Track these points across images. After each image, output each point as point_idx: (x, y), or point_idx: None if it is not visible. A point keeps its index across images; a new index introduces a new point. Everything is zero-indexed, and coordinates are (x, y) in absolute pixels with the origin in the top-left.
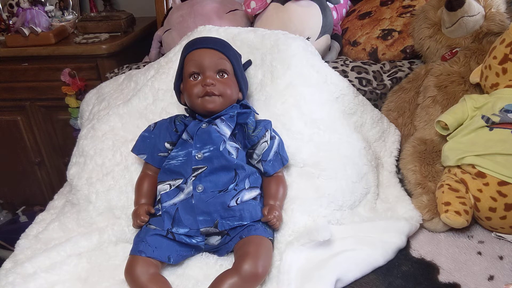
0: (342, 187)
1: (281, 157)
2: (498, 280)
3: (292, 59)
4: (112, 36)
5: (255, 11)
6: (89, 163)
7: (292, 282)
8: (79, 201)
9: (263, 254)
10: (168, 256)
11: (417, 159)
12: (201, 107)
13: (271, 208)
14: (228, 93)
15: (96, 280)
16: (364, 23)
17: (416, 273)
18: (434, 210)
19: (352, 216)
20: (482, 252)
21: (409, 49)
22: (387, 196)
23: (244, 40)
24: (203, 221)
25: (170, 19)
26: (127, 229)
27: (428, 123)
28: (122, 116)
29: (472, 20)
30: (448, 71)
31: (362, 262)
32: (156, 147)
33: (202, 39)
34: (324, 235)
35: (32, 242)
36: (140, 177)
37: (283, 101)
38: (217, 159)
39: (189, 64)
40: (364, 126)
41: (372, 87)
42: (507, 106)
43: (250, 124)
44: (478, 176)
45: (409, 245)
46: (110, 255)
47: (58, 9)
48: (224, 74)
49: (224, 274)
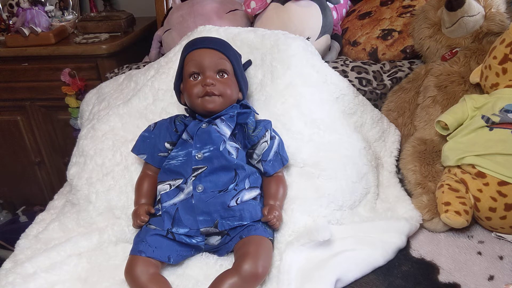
0: (342, 187)
1: (281, 157)
2: (498, 280)
3: (292, 59)
4: (112, 36)
5: (255, 11)
6: (89, 163)
7: (292, 282)
8: (79, 201)
9: (263, 254)
10: (168, 256)
11: (417, 159)
12: (201, 107)
13: (271, 208)
14: (228, 93)
15: (96, 280)
16: (364, 23)
17: (416, 273)
18: (434, 210)
19: (352, 216)
20: (482, 252)
21: (409, 49)
22: (387, 196)
23: (244, 40)
24: (203, 221)
25: (170, 19)
26: (127, 229)
27: (428, 123)
28: (122, 116)
29: (472, 20)
30: (448, 71)
31: (362, 262)
32: (156, 147)
33: (202, 39)
34: (324, 235)
35: (32, 242)
36: (140, 177)
37: (283, 101)
38: (217, 159)
39: (189, 64)
40: (364, 126)
41: (372, 87)
42: (507, 106)
43: (250, 124)
44: (478, 176)
45: (409, 245)
46: (110, 255)
47: (58, 9)
48: (224, 74)
49: (224, 274)
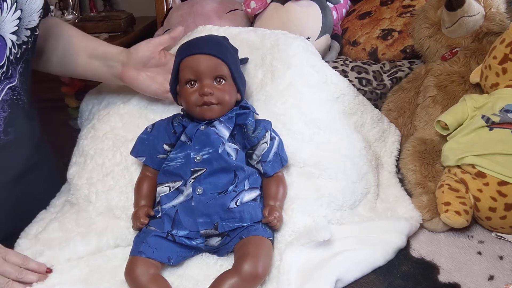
0: (343, 187)
1: (281, 157)
2: (498, 280)
3: (292, 59)
4: (112, 36)
5: (255, 11)
6: (89, 163)
7: (292, 282)
8: (78, 201)
9: (263, 255)
10: (168, 257)
11: (417, 159)
12: (200, 116)
13: (271, 209)
14: (227, 99)
15: (95, 281)
16: (364, 23)
17: (416, 273)
18: (434, 210)
19: (352, 216)
20: (482, 252)
21: (409, 49)
22: (387, 196)
23: (244, 40)
24: (203, 223)
25: (170, 19)
26: (127, 230)
27: (428, 123)
28: (123, 116)
29: (472, 20)
30: (448, 71)
31: (362, 262)
32: (155, 149)
33: (197, 43)
34: (324, 235)
35: (32, 242)
36: (139, 179)
37: (283, 101)
38: (216, 161)
39: (185, 71)
40: (364, 126)
41: (372, 87)
42: (507, 106)
43: (249, 125)
44: (478, 176)
45: (409, 245)
46: (109, 257)
47: (57, 9)
48: (221, 80)
49: (224, 275)
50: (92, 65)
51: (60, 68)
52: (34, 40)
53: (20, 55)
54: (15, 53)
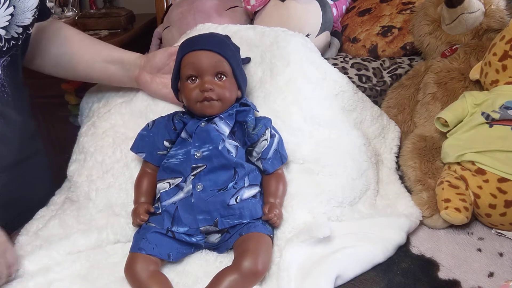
0: (342, 183)
1: (281, 155)
2: (498, 276)
3: (291, 56)
4: (112, 33)
5: (255, 8)
6: (89, 160)
7: (292, 278)
8: (78, 198)
9: (262, 251)
10: (168, 253)
11: (417, 156)
12: (200, 112)
13: (271, 206)
14: (227, 96)
15: (95, 277)
16: (364, 19)
17: (416, 270)
18: (434, 207)
19: (352, 212)
20: (482, 249)
21: (409, 45)
22: (387, 193)
23: (243, 37)
24: (203, 220)
25: (170, 16)
26: (126, 227)
27: (428, 120)
28: (124, 114)
29: (472, 17)
30: (448, 68)
31: (362, 258)
32: (155, 145)
33: (199, 39)
34: (324, 231)
35: (32, 238)
36: (139, 176)
37: (283, 98)
38: (216, 158)
39: (187, 67)
40: (364, 122)
41: (372, 84)
42: (507, 103)
43: (250, 122)
44: (478, 173)
45: (409, 242)
46: (109, 253)
47: (57, 6)
48: (222, 76)
49: (224, 271)
50: (109, 69)
51: (74, 72)
52: (26, 38)
53: (6, 49)
54: (1, 46)
